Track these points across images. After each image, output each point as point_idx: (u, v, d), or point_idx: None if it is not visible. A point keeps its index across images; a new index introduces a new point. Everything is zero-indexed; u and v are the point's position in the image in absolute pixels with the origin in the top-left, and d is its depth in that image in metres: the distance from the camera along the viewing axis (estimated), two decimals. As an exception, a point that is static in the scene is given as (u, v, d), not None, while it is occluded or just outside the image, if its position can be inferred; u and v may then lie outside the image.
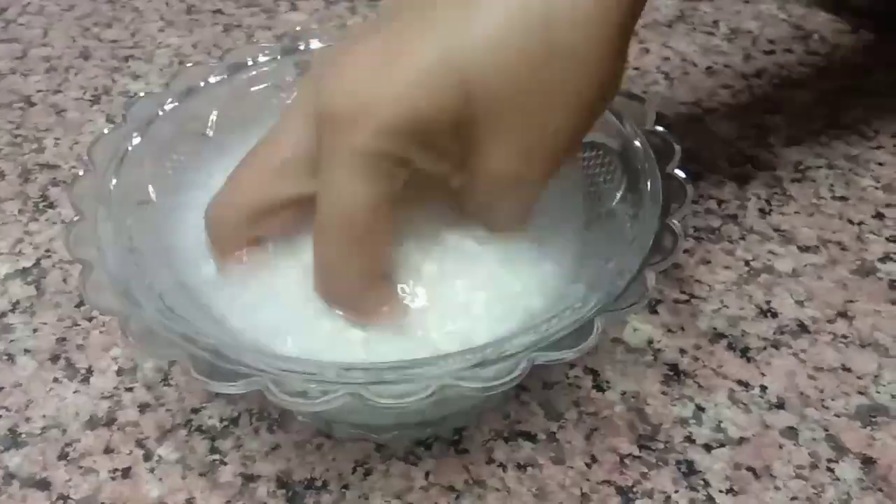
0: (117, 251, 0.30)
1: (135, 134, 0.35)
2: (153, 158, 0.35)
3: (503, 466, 0.35)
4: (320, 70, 0.31)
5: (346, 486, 0.34)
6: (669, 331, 0.39)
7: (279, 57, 0.39)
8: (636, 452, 0.35)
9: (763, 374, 0.38)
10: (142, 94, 0.40)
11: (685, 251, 0.43)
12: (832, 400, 0.37)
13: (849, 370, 0.38)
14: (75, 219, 0.31)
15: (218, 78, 0.38)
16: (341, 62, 0.29)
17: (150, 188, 0.35)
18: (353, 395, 0.26)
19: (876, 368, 0.38)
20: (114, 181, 0.33)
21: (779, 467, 0.34)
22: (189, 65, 0.48)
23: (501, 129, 0.29)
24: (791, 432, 0.35)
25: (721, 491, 0.34)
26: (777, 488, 0.34)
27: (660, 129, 0.35)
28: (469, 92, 0.28)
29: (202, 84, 0.37)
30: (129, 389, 0.38)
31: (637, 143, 0.35)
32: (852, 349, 0.39)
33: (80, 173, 0.34)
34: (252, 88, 0.39)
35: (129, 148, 0.34)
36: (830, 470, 0.34)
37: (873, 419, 0.36)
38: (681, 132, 0.40)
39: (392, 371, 0.26)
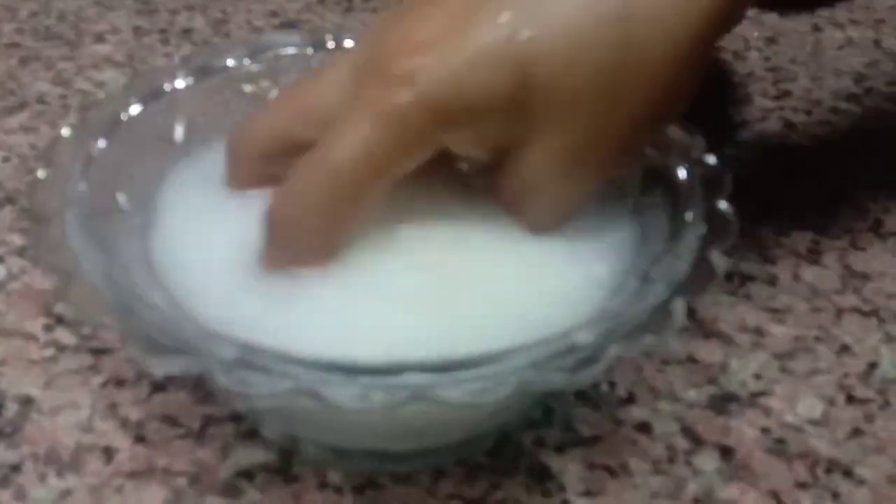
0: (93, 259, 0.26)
1: (99, 138, 0.31)
2: (120, 165, 0.32)
3: (339, 490, 0.31)
4: (383, 24, 0.29)
5: (153, 530, 0.29)
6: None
7: (249, 61, 0.36)
8: (484, 461, 0.32)
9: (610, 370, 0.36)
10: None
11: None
12: (683, 391, 0.35)
13: (696, 361, 0.36)
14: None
15: (185, 82, 0.34)
16: (409, 18, 0.28)
17: (120, 196, 0.31)
18: (418, 397, 0.22)
19: (723, 357, 0.36)
20: (80, 186, 0.29)
21: (635, 464, 0.32)
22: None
23: (556, 123, 0.27)
24: (644, 427, 0.33)
25: (577, 493, 0.31)
26: (636, 486, 0.31)
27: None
28: (528, 79, 0.27)
29: (167, 88, 0.34)
30: None
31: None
32: (697, 340, 0.37)
33: (40, 175, 0.29)
34: (222, 94, 0.35)
35: (94, 152, 0.31)
36: (689, 463, 0.32)
37: (726, 407, 0.34)
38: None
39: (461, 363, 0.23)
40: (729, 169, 0.31)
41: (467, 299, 0.28)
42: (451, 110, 0.27)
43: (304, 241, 0.28)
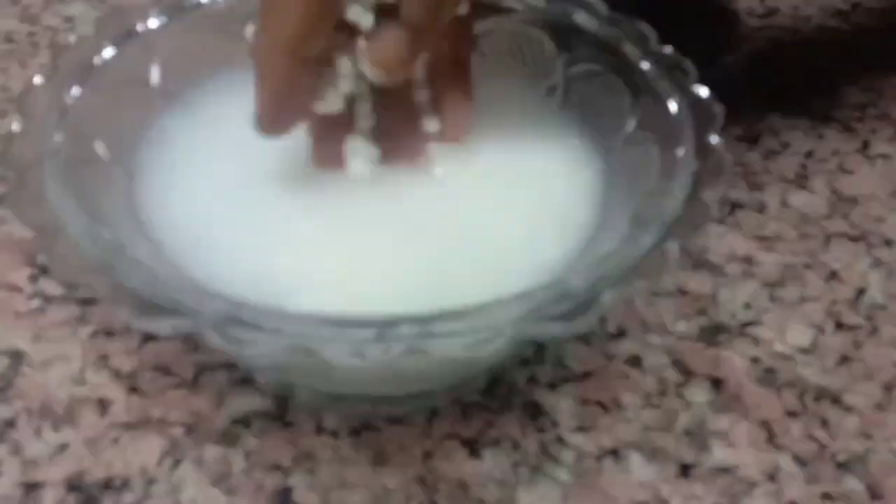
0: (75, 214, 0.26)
1: (73, 84, 0.30)
2: (96, 111, 0.30)
3: (335, 434, 0.31)
4: None
5: (151, 482, 0.29)
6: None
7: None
8: (479, 400, 0.32)
9: (602, 306, 0.35)
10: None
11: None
12: (673, 324, 0.35)
13: (686, 293, 0.36)
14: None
15: (158, 22, 0.33)
16: None
17: (97, 145, 0.30)
18: (412, 351, 0.22)
19: (712, 288, 0.36)
20: (57, 136, 0.28)
21: (628, 398, 0.32)
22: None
23: None
24: (635, 360, 0.34)
25: (571, 429, 0.31)
26: (628, 420, 0.32)
27: (668, 48, 0.32)
28: None
29: (139, 29, 0.33)
30: None
31: (645, 64, 0.32)
32: (686, 272, 0.37)
33: (15, 127, 0.28)
34: (197, 32, 0.34)
35: (69, 100, 0.29)
36: (680, 395, 0.32)
37: (717, 339, 0.34)
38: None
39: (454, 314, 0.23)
40: (719, 100, 0.30)
41: (454, 252, 0.28)
42: None
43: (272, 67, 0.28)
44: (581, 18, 0.34)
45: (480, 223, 0.29)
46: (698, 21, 0.54)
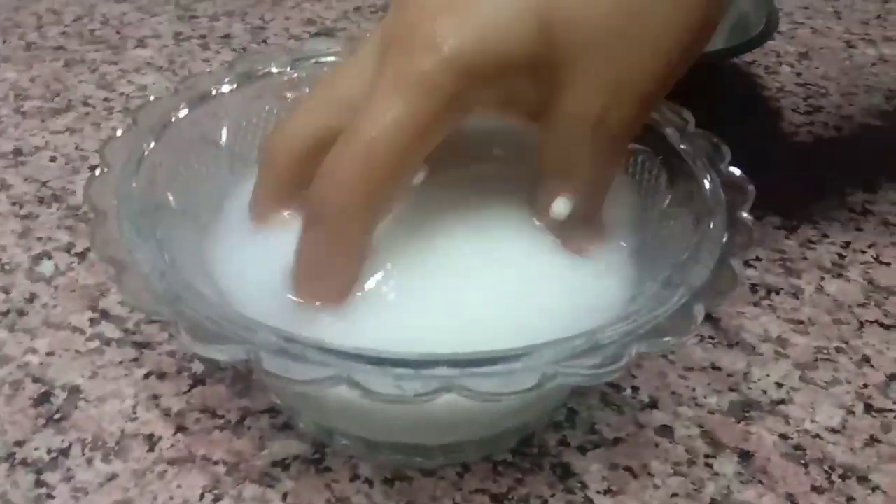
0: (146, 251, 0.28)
1: (150, 138, 0.33)
2: (169, 164, 0.33)
3: (369, 482, 0.32)
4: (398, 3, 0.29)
5: (192, 514, 0.30)
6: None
7: (290, 68, 0.37)
8: (510, 458, 0.33)
9: (634, 376, 0.36)
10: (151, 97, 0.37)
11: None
12: (704, 398, 0.36)
13: (719, 369, 0.37)
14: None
15: (229, 87, 0.36)
16: None
17: (169, 195, 0.32)
18: (450, 388, 0.23)
19: (745, 366, 0.37)
20: (133, 183, 0.31)
21: (656, 465, 0.33)
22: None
23: (586, 69, 0.28)
24: (666, 430, 0.34)
25: (599, 492, 0.32)
26: (656, 486, 0.32)
27: (704, 132, 0.34)
28: (552, 30, 0.27)
29: (213, 92, 0.35)
30: (-59, 425, 0.33)
31: (683, 146, 0.33)
32: (720, 349, 0.38)
33: (96, 172, 0.31)
34: (265, 99, 0.37)
35: (146, 151, 0.32)
36: (709, 465, 0.33)
37: (747, 414, 0.35)
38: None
39: (491, 358, 0.24)
40: (752, 180, 0.32)
41: (494, 301, 0.29)
42: (478, 67, 0.27)
43: (343, 228, 0.28)
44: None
45: (526, 289, 0.31)
46: (744, 116, 0.56)
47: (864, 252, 0.44)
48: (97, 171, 0.30)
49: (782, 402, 0.36)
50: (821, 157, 0.52)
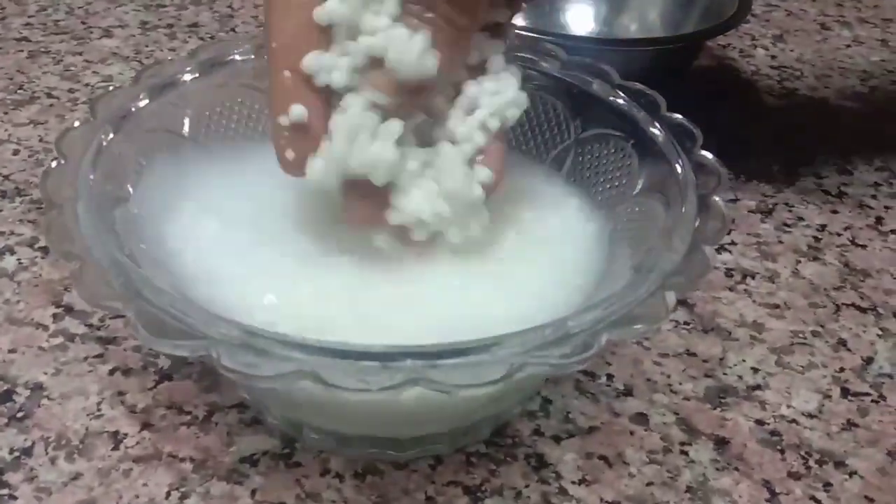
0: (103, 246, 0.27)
1: (108, 129, 0.32)
2: (129, 156, 0.32)
3: (339, 477, 0.31)
4: None
5: (159, 513, 0.30)
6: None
7: (254, 56, 0.36)
8: (483, 450, 0.32)
9: (608, 364, 0.36)
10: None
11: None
12: (680, 384, 0.35)
13: (694, 354, 0.37)
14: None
15: (191, 76, 0.35)
16: None
17: (129, 187, 0.31)
18: (417, 380, 0.23)
19: (720, 352, 0.37)
20: (91, 175, 0.30)
21: (631, 454, 0.32)
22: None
23: None
24: (641, 418, 0.34)
25: (574, 482, 0.31)
26: (631, 475, 0.32)
27: (676, 116, 0.33)
28: None
29: (175, 81, 0.34)
30: None
31: (655, 130, 0.33)
32: (695, 335, 0.38)
33: (52, 165, 0.30)
34: (229, 87, 0.36)
35: (104, 143, 0.31)
36: (684, 453, 0.33)
37: (723, 400, 0.35)
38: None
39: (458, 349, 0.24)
40: (726, 164, 0.31)
41: (463, 299, 0.29)
42: None
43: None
44: (596, 86, 0.36)
45: (490, 270, 0.30)
46: (718, 98, 0.55)
47: (839, 235, 0.44)
48: (53, 164, 0.29)
49: (758, 387, 0.35)
50: (796, 140, 0.52)
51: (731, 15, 0.51)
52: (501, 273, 0.30)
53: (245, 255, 0.30)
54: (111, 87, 0.53)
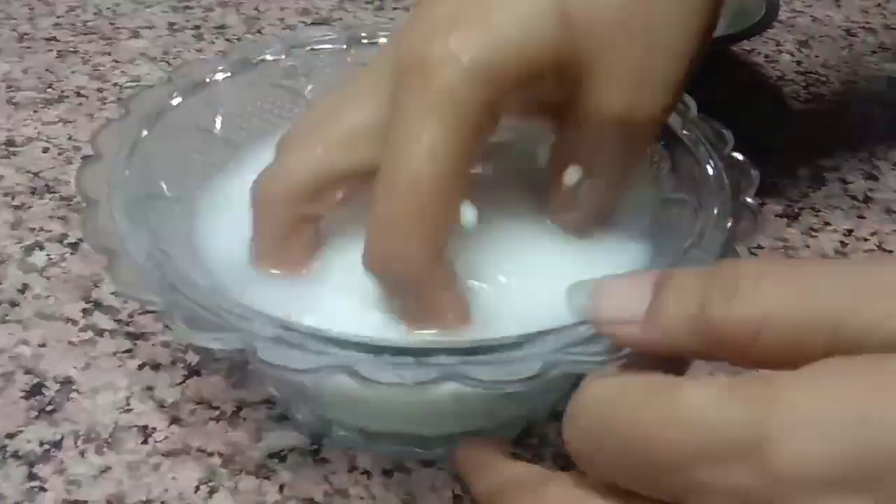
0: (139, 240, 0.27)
1: (142, 126, 0.32)
2: (163, 153, 0.32)
3: (367, 474, 0.31)
4: (406, 26, 0.27)
5: (188, 507, 0.30)
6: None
7: (285, 56, 0.36)
8: (511, 449, 0.32)
9: (637, 366, 0.36)
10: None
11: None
12: (707, 387, 0.35)
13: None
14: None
15: (223, 75, 0.35)
16: (426, 5, 0.26)
17: (163, 184, 0.32)
18: (451, 376, 0.23)
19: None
20: (126, 171, 0.30)
21: (659, 455, 0.32)
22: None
23: (611, 63, 0.27)
24: (669, 420, 0.34)
25: (601, 482, 0.31)
26: (659, 476, 0.32)
27: (706, 118, 0.33)
28: (574, 26, 0.26)
29: (207, 80, 0.35)
30: (-69, 417, 0.32)
31: (685, 131, 0.33)
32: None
33: (88, 161, 0.30)
34: (260, 87, 0.36)
35: (139, 140, 0.31)
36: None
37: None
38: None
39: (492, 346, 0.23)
40: (756, 166, 0.31)
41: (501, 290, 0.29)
42: (502, 71, 0.25)
43: (425, 279, 0.26)
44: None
45: (524, 270, 0.30)
46: (744, 104, 0.55)
47: (866, 240, 0.44)
48: (88, 160, 0.30)
49: (786, 390, 0.35)
50: (822, 145, 0.51)
51: (758, 20, 0.51)
52: (536, 271, 0.30)
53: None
54: (139, 87, 0.53)
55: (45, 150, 0.48)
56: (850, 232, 0.44)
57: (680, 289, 0.20)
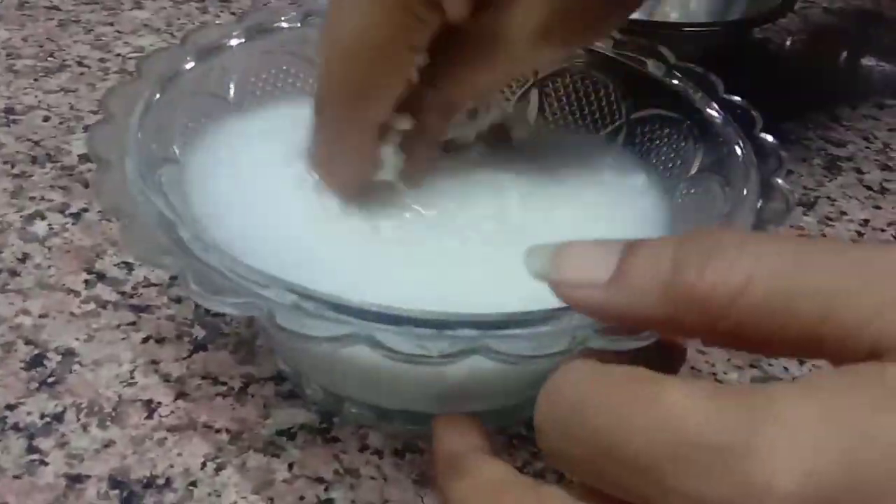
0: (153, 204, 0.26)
1: (154, 90, 0.31)
2: (175, 117, 0.31)
3: (378, 453, 0.30)
4: None
5: (193, 483, 0.29)
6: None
7: (300, 24, 0.35)
8: (525, 432, 0.31)
9: (653, 350, 0.35)
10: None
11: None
12: (724, 374, 0.34)
13: (739, 344, 0.36)
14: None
15: (237, 41, 0.34)
16: None
17: (174, 148, 0.31)
18: (478, 349, 0.22)
19: (765, 342, 0.36)
20: (139, 134, 0.29)
21: (677, 441, 0.32)
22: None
23: None
24: (687, 406, 0.33)
25: (619, 468, 0.30)
26: (677, 463, 0.31)
27: (736, 98, 0.33)
28: None
29: (221, 45, 0.34)
30: (-72, 386, 0.31)
31: (712, 111, 0.32)
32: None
33: (98, 123, 0.29)
34: (274, 53, 0.35)
35: (152, 102, 0.30)
36: (730, 443, 0.32)
37: (768, 391, 0.34)
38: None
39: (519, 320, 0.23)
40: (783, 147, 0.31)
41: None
42: None
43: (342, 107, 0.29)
44: (651, 67, 0.35)
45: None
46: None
47: (883, 230, 0.43)
48: (100, 121, 0.29)
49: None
50: (837, 133, 0.51)
51: (777, 5, 0.50)
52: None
53: (288, 218, 0.29)
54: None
55: (46, 119, 0.47)
56: (866, 222, 0.44)
57: (651, 252, 0.19)
